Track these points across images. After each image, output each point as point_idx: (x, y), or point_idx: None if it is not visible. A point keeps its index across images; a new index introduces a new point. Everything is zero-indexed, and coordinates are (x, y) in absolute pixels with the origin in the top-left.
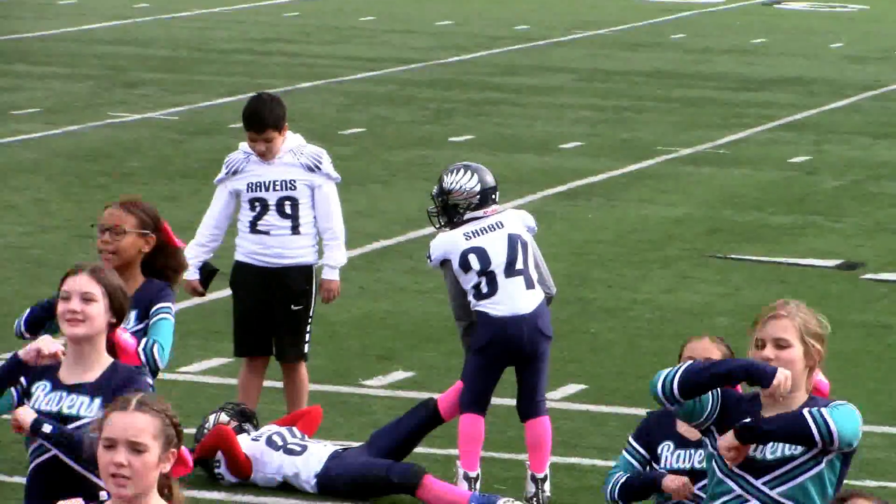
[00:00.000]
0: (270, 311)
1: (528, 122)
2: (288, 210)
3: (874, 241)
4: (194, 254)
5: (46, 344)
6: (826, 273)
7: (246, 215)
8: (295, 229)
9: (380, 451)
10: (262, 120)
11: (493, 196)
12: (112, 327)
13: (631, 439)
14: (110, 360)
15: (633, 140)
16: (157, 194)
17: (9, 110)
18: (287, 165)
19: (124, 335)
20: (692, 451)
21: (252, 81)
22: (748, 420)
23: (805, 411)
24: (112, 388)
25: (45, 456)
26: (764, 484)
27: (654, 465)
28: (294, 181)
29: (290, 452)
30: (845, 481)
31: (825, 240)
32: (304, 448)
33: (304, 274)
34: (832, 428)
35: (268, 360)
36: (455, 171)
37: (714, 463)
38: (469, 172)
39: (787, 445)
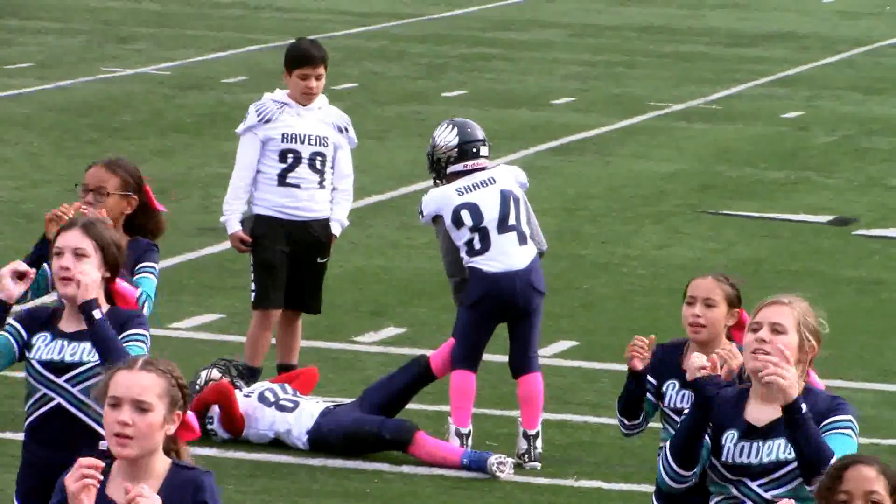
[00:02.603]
0: (294, 264)
1: (520, 77)
2: (318, 165)
3: (866, 196)
4: (236, 208)
5: (9, 268)
6: (818, 228)
7: (273, 167)
8: (321, 183)
9: (371, 408)
10: (317, 55)
11: (474, 150)
12: (107, 282)
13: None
14: (107, 306)
15: (625, 95)
16: (150, 149)
17: (1, 65)
18: (319, 122)
19: (124, 283)
20: (689, 393)
21: (244, 36)
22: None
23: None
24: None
25: (49, 406)
26: (759, 486)
27: (660, 402)
28: (327, 138)
29: (282, 409)
30: None
31: (817, 195)
32: (296, 404)
33: (327, 227)
34: None
35: (279, 314)
36: (440, 126)
37: (710, 469)
38: (450, 127)
39: (783, 450)
